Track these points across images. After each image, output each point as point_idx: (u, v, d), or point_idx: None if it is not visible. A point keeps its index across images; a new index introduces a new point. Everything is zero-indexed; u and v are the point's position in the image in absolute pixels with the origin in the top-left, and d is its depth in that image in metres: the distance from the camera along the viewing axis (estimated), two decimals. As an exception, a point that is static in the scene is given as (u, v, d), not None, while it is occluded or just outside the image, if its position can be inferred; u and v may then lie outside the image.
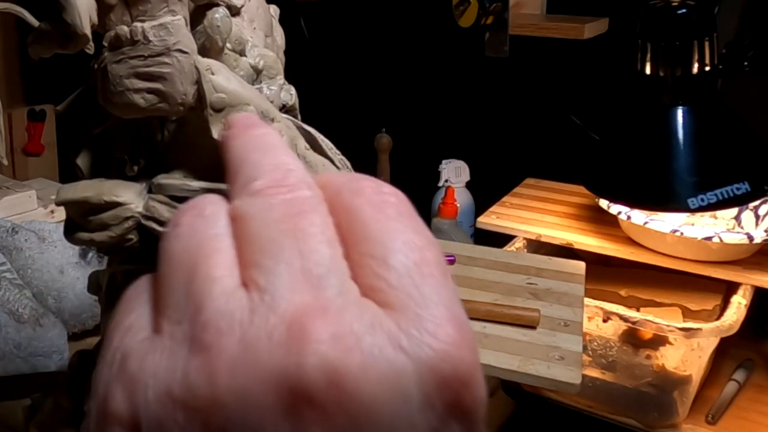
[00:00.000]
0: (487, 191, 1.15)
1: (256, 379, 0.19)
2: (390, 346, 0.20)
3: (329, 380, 0.19)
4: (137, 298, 0.24)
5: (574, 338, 0.63)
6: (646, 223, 0.87)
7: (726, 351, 0.91)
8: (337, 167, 0.37)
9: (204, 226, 0.23)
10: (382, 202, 0.23)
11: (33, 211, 1.07)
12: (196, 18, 0.35)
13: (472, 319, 0.66)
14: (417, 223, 0.23)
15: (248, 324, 0.20)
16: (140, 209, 0.34)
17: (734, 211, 0.97)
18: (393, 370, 0.19)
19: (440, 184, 1.22)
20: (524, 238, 0.98)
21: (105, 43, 0.34)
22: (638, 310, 0.86)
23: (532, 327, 0.65)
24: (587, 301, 0.76)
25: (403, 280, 0.21)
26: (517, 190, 1.13)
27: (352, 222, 0.22)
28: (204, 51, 0.35)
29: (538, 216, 1.02)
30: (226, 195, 0.25)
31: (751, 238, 0.83)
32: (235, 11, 0.37)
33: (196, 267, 0.22)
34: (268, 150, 0.25)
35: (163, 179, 0.34)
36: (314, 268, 0.21)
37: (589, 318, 0.82)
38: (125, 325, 0.23)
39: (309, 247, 0.21)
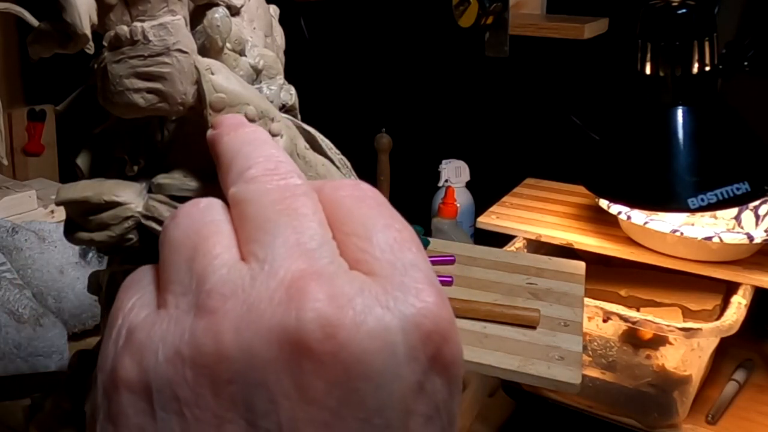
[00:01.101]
0: (487, 191, 1.15)
1: (259, 335, 0.21)
2: (378, 305, 0.22)
3: (325, 333, 0.21)
4: (137, 283, 0.25)
5: (574, 338, 0.63)
6: (646, 223, 0.87)
7: (726, 351, 0.91)
8: (337, 167, 0.37)
9: (201, 214, 0.25)
10: (361, 195, 0.25)
11: (33, 211, 1.07)
12: (195, 18, 0.35)
13: (472, 319, 0.66)
14: (393, 212, 0.25)
15: (250, 288, 0.22)
16: (140, 209, 0.34)
17: (734, 211, 0.97)
18: (381, 325, 0.21)
19: (440, 184, 1.22)
20: (524, 238, 0.98)
21: (105, 43, 0.34)
22: (638, 310, 0.86)
23: (532, 327, 0.65)
24: (587, 301, 0.76)
25: (386, 253, 0.23)
26: (517, 190, 1.13)
27: (336, 210, 0.24)
28: (204, 51, 0.35)
29: (538, 216, 1.02)
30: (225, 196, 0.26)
31: (751, 238, 0.83)
32: (234, 11, 0.37)
33: (196, 247, 0.24)
34: (259, 144, 0.27)
35: (163, 179, 0.34)
36: (308, 242, 0.23)
37: (589, 318, 0.82)
38: (127, 306, 0.24)
39: (302, 224, 0.23)
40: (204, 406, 0.21)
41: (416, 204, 1.26)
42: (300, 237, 0.23)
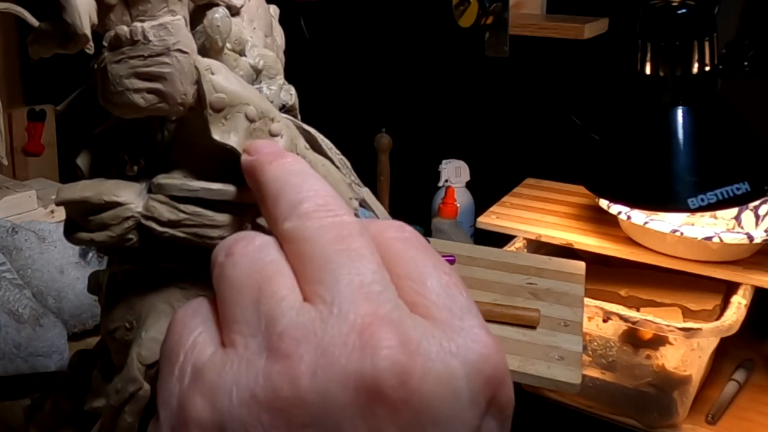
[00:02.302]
0: (487, 191, 1.15)
1: (335, 380, 0.22)
2: (442, 351, 0.22)
3: (399, 380, 0.21)
4: (192, 319, 0.25)
5: (574, 338, 0.63)
6: (646, 223, 0.87)
7: (726, 351, 0.91)
8: (337, 167, 0.37)
9: (259, 253, 0.25)
10: (407, 237, 0.26)
11: (33, 211, 1.07)
12: (196, 18, 0.35)
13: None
14: (436, 255, 0.26)
15: (322, 332, 0.22)
16: (140, 209, 0.34)
17: (734, 211, 0.97)
18: (447, 371, 0.22)
19: (440, 184, 1.23)
20: (524, 238, 0.98)
21: (105, 43, 0.34)
22: (638, 310, 0.86)
23: (532, 327, 0.65)
24: (587, 301, 0.76)
25: (441, 298, 0.24)
26: (517, 190, 1.13)
27: (386, 251, 0.25)
28: (204, 51, 0.35)
29: (538, 216, 1.02)
30: (225, 196, 0.26)
31: (751, 238, 0.83)
32: (235, 11, 0.37)
33: (261, 288, 0.24)
34: (306, 177, 0.27)
35: (163, 179, 0.34)
36: (371, 284, 0.23)
37: (589, 318, 0.82)
38: (188, 343, 0.25)
39: (364, 266, 0.24)
40: None
41: (416, 204, 1.26)
42: (363, 279, 0.23)
